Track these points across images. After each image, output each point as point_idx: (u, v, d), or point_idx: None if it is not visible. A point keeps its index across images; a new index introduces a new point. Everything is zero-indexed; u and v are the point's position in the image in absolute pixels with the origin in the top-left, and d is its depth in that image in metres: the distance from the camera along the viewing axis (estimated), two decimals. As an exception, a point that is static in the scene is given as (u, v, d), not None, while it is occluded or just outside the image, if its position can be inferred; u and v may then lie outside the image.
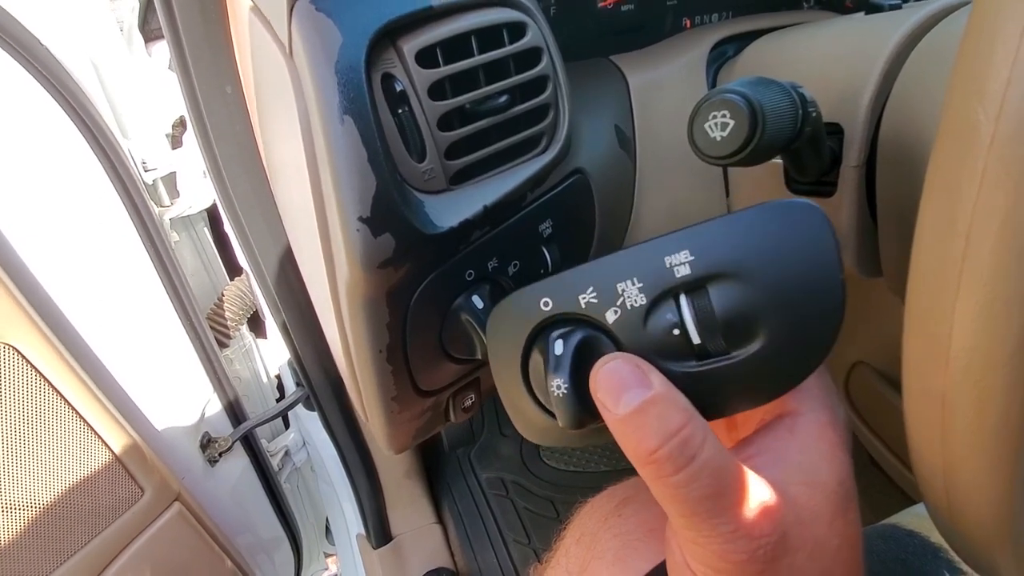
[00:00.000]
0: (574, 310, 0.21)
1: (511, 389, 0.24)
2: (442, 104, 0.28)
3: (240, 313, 0.78)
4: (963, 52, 0.17)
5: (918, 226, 0.19)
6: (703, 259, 0.20)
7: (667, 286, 0.20)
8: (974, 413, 0.19)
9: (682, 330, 0.20)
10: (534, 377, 0.23)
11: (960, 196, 0.17)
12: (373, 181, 0.25)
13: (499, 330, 0.24)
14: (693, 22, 0.53)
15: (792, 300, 0.19)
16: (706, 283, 0.20)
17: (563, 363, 0.20)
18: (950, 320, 0.18)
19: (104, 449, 0.56)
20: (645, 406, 0.19)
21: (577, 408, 0.21)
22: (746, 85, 0.25)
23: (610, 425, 0.20)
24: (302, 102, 0.26)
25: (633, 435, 0.19)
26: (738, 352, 0.20)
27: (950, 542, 0.25)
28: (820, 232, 0.19)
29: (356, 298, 0.28)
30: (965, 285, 0.17)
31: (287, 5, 0.25)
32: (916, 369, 0.21)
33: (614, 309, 0.21)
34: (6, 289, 0.48)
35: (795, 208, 0.20)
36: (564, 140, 0.34)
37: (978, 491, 0.21)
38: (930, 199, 0.19)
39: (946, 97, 0.18)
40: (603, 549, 0.32)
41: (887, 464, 0.61)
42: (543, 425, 0.24)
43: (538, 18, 0.32)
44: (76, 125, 0.52)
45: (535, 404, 0.23)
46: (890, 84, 0.35)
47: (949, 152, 0.18)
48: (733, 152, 0.25)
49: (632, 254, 0.21)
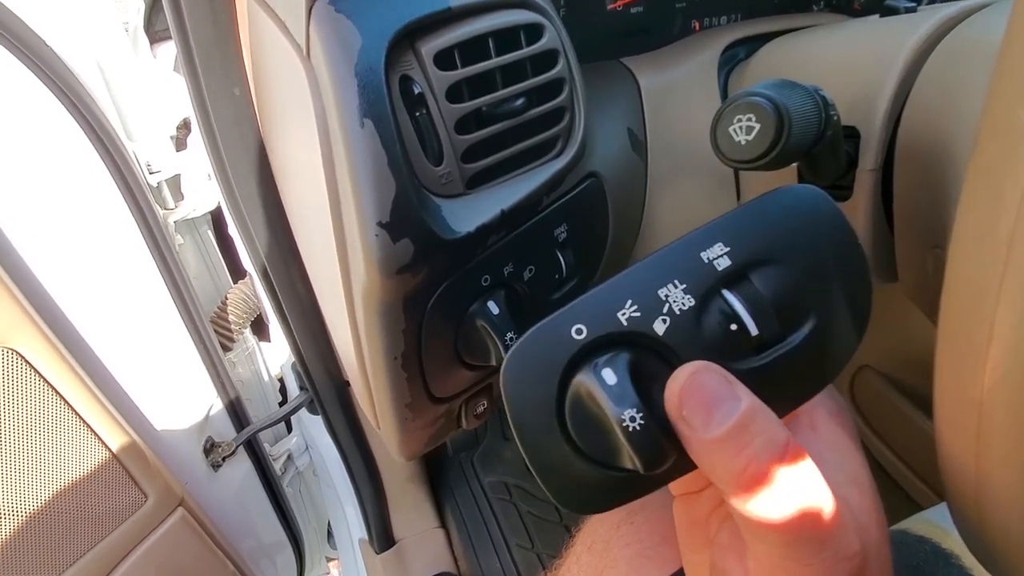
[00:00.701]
0: (616, 329, 0.19)
1: (549, 450, 0.19)
2: (460, 107, 0.28)
3: (244, 316, 0.77)
4: (1005, 55, 0.17)
5: (956, 231, 0.19)
6: (739, 248, 0.19)
7: (713, 281, 0.19)
8: (1011, 423, 0.19)
9: (739, 324, 0.19)
10: (577, 425, 0.19)
11: (1003, 201, 0.17)
12: (392, 185, 0.25)
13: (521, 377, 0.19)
14: (702, 24, 0.52)
15: (828, 273, 0.19)
16: (747, 272, 0.19)
17: (626, 391, 0.18)
18: (990, 328, 0.18)
19: (108, 454, 0.55)
20: (745, 421, 0.17)
21: (660, 440, 0.18)
22: (771, 88, 0.25)
23: (697, 447, 0.18)
24: (319, 105, 0.25)
25: (735, 458, 0.17)
26: (793, 336, 0.19)
27: (976, 552, 0.25)
28: (829, 208, 0.20)
29: (372, 304, 0.28)
30: (1006, 293, 0.17)
31: (305, 6, 0.25)
32: (951, 376, 0.20)
33: (662, 318, 0.19)
34: (10, 293, 0.47)
35: (800, 191, 0.20)
36: (580, 143, 0.34)
37: (1011, 502, 0.20)
38: (970, 204, 0.18)
39: (987, 101, 0.17)
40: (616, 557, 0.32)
41: (892, 468, 0.61)
42: (597, 482, 0.20)
43: (555, 20, 0.32)
44: (82, 127, 0.52)
45: (586, 460, 0.19)
46: (908, 88, 0.35)
47: (991, 156, 0.17)
48: (759, 156, 0.25)
49: (664, 257, 0.19)
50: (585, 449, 0.19)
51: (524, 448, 0.20)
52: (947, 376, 0.20)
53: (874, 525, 0.19)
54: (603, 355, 0.19)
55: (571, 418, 0.19)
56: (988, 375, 0.18)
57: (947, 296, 0.20)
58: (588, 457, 0.19)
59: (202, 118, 0.40)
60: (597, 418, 0.19)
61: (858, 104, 0.37)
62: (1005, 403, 0.18)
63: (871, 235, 0.39)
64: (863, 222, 0.38)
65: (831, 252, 0.19)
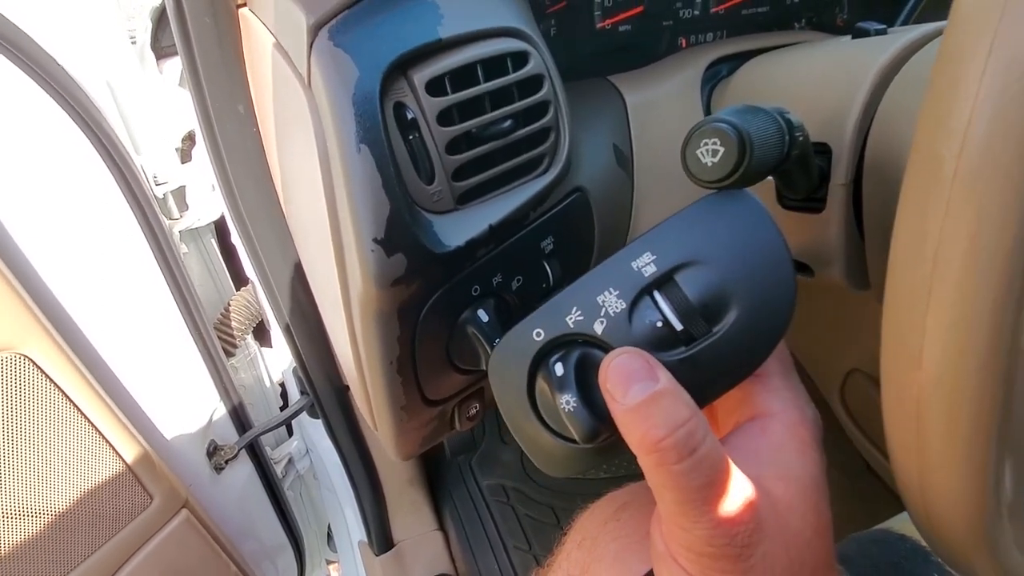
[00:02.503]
0: (564, 331, 0.23)
1: (525, 426, 0.24)
2: (450, 130, 0.30)
3: (246, 323, 0.79)
4: (929, 93, 0.19)
5: (892, 249, 0.21)
6: (664, 255, 0.22)
7: (640, 286, 0.22)
8: (946, 421, 0.21)
9: (664, 321, 0.22)
10: (544, 407, 0.24)
11: (927, 224, 0.19)
12: (387, 205, 0.27)
13: (501, 373, 0.25)
14: (689, 41, 0.54)
15: (749, 265, 0.22)
16: (672, 275, 0.22)
17: (567, 380, 0.22)
18: (922, 335, 0.20)
19: (115, 457, 0.57)
20: (655, 397, 0.20)
21: (590, 418, 0.22)
22: (733, 114, 0.27)
23: (617, 416, 0.21)
24: (320, 130, 0.27)
25: (641, 424, 0.20)
26: (718, 327, 0.22)
27: (930, 545, 0.26)
28: (753, 206, 0.23)
29: (369, 313, 0.30)
30: (934, 304, 0.19)
31: (307, 41, 0.27)
32: (892, 379, 0.22)
33: (600, 320, 0.22)
34: (22, 301, 0.49)
35: (728, 195, 0.23)
36: (565, 161, 0.36)
37: (951, 495, 0.22)
38: (902, 225, 0.20)
39: (915, 133, 0.19)
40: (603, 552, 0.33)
41: (882, 470, 0.62)
42: (563, 452, 0.24)
43: (540, 47, 0.34)
44: (92, 142, 0.54)
45: (551, 434, 0.24)
46: (875, 107, 0.37)
47: (917, 184, 0.19)
48: (724, 176, 0.27)
49: (603, 268, 0.23)
50: (551, 425, 0.24)
51: (510, 426, 0.25)
52: (889, 379, 0.22)
53: (796, 517, 0.22)
54: (559, 351, 0.23)
55: (540, 400, 0.24)
56: (923, 377, 0.20)
57: (887, 306, 0.22)
58: (554, 432, 0.24)
59: (208, 133, 0.42)
60: (553, 402, 0.23)
61: (829, 122, 0.39)
62: (939, 403, 0.20)
63: (844, 245, 0.40)
64: (836, 233, 0.40)
65: (750, 247, 0.22)
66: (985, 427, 0.20)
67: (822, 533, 0.22)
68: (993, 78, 0.17)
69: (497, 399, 0.25)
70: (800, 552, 0.21)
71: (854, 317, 0.58)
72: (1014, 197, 0.17)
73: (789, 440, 0.23)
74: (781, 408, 0.24)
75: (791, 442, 0.23)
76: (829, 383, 0.64)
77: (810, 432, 0.24)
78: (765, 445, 0.23)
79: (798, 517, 0.22)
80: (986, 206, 0.17)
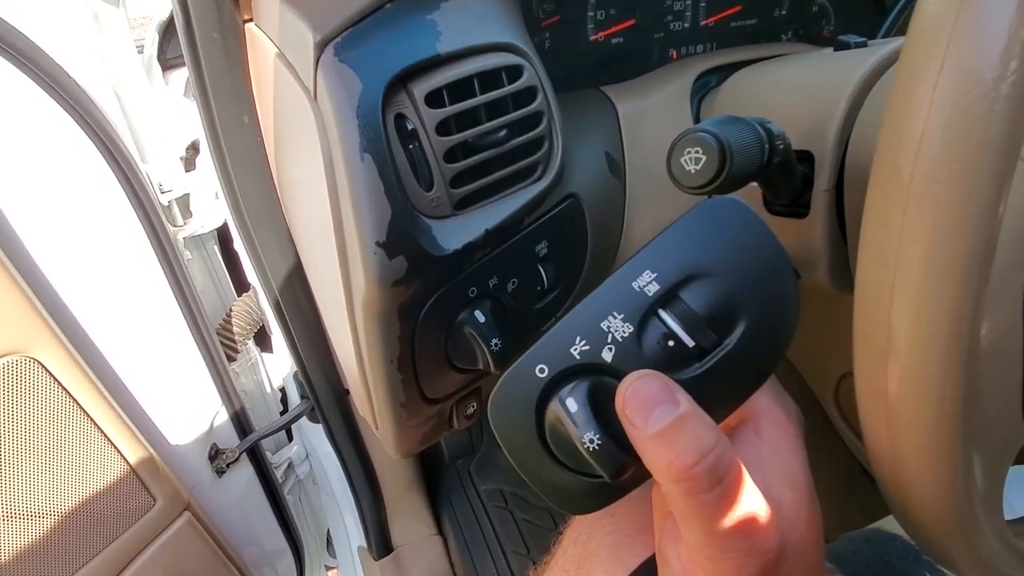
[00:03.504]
0: (570, 364, 0.22)
1: (539, 470, 0.23)
2: (448, 139, 0.31)
3: (247, 328, 0.80)
4: (889, 105, 0.21)
5: (859, 250, 0.22)
6: (665, 271, 0.22)
7: (645, 306, 0.22)
8: (912, 413, 0.22)
9: (675, 339, 0.21)
10: (557, 446, 0.22)
11: (889, 226, 0.20)
12: (389, 210, 0.29)
13: (505, 415, 0.23)
14: (680, 53, 0.56)
15: (751, 271, 0.22)
16: (677, 291, 0.22)
17: (585, 416, 0.21)
18: (887, 330, 0.21)
19: (119, 459, 0.58)
20: (679, 421, 0.19)
21: (617, 453, 0.21)
22: (715, 124, 0.29)
23: (639, 443, 0.20)
24: (325, 140, 0.29)
25: (667, 451, 0.19)
26: (729, 338, 0.21)
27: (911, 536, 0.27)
28: (747, 214, 0.22)
29: (371, 313, 0.31)
30: (896, 300, 0.21)
31: (313, 56, 0.28)
32: (863, 373, 0.23)
33: (608, 347, 0.22)
34: (32, 305, 0.50)
35: (716, 204, 0.22)
36: (558, 168, 0.37)
37: (924, 487, 0.23)
38: (867, 227, 0.22)
39: (878, 142, 0.21)
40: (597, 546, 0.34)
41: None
42: (586, 490, 0.23)
43: (534, 60, 0.36)
44: (101, 152, 0.55)
45: (570, 473, 0.23)
46: (855, 115, 0.39)
47: (880, 189, 0.21)
48: (706, 183, 0.29)
49: (602, 292, 0.22)
50: (568, 463, 0.23)
51: (521, 470, 0.24)
52: (860, 373, 0.24)
53: (802, 522, 0.21)
54: (567, 384, 0.22)
55: (552, 440, 0.22)
56: (890, 370, 0.22)
57: (856, 304, 0.23)
58: (572, 469, 0.23)
59: (213, 143, 0.44)
60: (569, 438, 0.21)
61: (812, 130, 0.40)
62: (905, 393, 0.22)
63: (828, 248, 0.42)
64: (820, 237, 0.42)
65: (751, 257, 0.22)
66: (950, 419, 0.21)
67: (819, 535, 0.22)
68: (944, 91, 0.18)
69: (503, 443, 0.23)
70: (809, 560, 0.21)
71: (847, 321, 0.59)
72: (966, 199, 0.19)
73: (782, 440, 0.23)
74: (767, 407, 0.24)
75: (784, 442, 0.23)
76: (823, 386, 0.65)
77: (797, 429, 0.24)
78: (765, 450, 0.23)
79: (804, 523, 0.21)
80: (941, 208, 0.19)
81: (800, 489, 0.22)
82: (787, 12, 0.56)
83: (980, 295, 0.19)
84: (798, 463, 0.23)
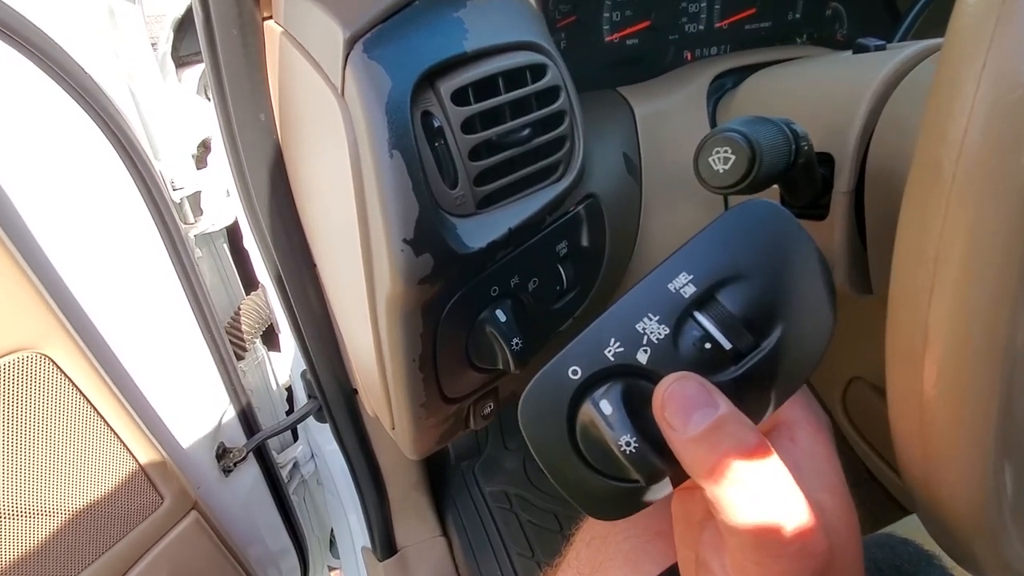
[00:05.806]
0: (604, 365, 0.21)
1: (568, 472, 0.22)
2: (473, 137, 0.31)
3: (256, 326, 0.80)
4: (930, 104, 0.21)
5: (895, 251, 0.22)
6: (701, 273, 0.22)
7: (681, 308, 0.21)
8: (947, 417, 0.22)
9: (712, 341, 0.21)
10: (589, 450, 0.22)
11: (928, 226, 0.20)
12: (416, 207, 0.29)
13: (535, 416, 0.22)
14: (694, 55, 0.56)
15: (790, 276, 0.21)
16: (713, 293, 0.21)
17: (620, 418, 0.20)
18: (924, 333, 0.21)
19: (129, 457, 0.58)
20: (719, 423, 0.19)
21: (653, 455, 0.20)
22: (744, 124, 0.29)
23: (678, 447, 0.20)
24: (352, 137, 0.29)
25: (709, 454, 0.19)
26: (766, 341, 0.21)
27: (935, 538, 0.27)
28: (782, 217, 0.22)
29: (395, 310, 0.31)
30: (935, 301, 0.20)
31: (342, 53, 0.28)
32: (897, 373, 0.23)
33: (643, 348, 0.21)
34: (44, 302, 0.50)
35: (753, 207, 0.22)
36: (579, 168, 0.37)
37: (954, 490, 0.23)
38: (904, 228, 0.22)
39: (918, 141, 0.21)
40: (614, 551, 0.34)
41: (884, 477, 0.63)
42: (620, 495, 0.22)
43: (557, 60, 0.36)
44: (116, 149, 0.55)
45: (604, 478, 0.22)
46: (875, 118, 0.39)
47: (919, 188, 0.21)
48: (735, 183, 0.28)
49: (637, 294, 0.22)
50: (600, 468, 0.22)
51: (549, 473, 0.23)
52: (894, 373, 0.24)
53: (844, 527, 0.21)
54: (601, 387, 0.21)
55: (583, 443, 0.22)
56: (926, 370, 0.22)
57: (891, 306, 0.23)
58: (604, 474, 0.22)
59: (229, 140, 0.44)
60: (603, 441, 0.21)
61: (832, 132, 0.40)
62: (941, 393, 0.22)
63: (847, 251, 0.42)
64: (839, 239, 0.42)
65: (788, 259, 0.21)
66: (986, 422, 0.21)
67: (859, 540, 0.22)
68: (987, 91, 0.18)
69: (532, 445, 0.23)
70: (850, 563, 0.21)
71: (855, 325, 0.59)
72: (1007, 199, 0.18)
73: (817, 445, 0.23)
74: (801, 414, 0.24)
75: (819, 448, 0.23)
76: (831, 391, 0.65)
77: (829, 436, 0.24)
78: (801, 456, 0.22)
79: (844, 527, 0.21)
80: (982, 207, 0.19)
81: (839, 495, 0.22)
82: (801, 15, 0.56)
83: (1021, 296, 0.19)
84: (834, 470, 0.23)
